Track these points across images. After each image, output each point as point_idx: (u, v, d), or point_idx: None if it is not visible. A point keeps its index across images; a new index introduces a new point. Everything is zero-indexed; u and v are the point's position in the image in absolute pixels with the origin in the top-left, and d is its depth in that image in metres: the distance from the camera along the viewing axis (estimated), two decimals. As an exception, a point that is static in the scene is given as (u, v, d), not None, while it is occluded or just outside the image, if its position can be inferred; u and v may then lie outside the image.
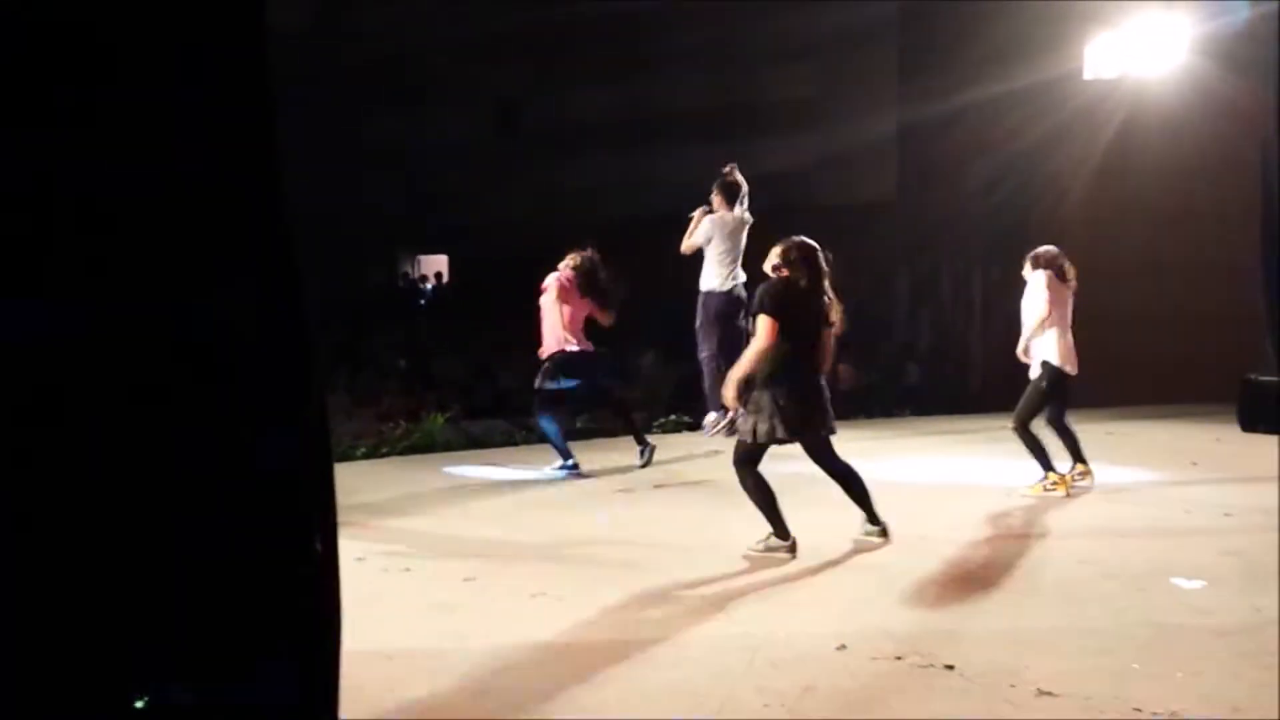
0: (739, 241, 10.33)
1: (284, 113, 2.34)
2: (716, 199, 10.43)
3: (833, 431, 6.78)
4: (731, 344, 10.34)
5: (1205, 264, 16.94)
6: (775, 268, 6.68)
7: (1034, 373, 8.54)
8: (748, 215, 10.41)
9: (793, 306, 6.56)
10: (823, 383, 6.74)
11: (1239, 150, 15.90)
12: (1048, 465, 8.44)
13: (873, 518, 6.84)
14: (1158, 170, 17.19)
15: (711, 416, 10.54)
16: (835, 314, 6.71)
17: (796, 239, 6.73)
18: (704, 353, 10.49)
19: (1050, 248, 8.72)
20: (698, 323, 10.48)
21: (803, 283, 6.59)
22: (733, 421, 10.49)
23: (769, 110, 21.55)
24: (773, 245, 6.79)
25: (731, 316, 10.28)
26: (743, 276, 10.24)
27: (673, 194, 11.00)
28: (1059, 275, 8.54)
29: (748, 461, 6.66)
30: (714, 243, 10.34)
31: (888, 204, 19.75)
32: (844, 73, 21.15)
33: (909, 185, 20.24)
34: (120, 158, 2.15)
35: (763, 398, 6.57)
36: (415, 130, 25.52)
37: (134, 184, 2.16)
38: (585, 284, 9.44)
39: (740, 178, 10.42)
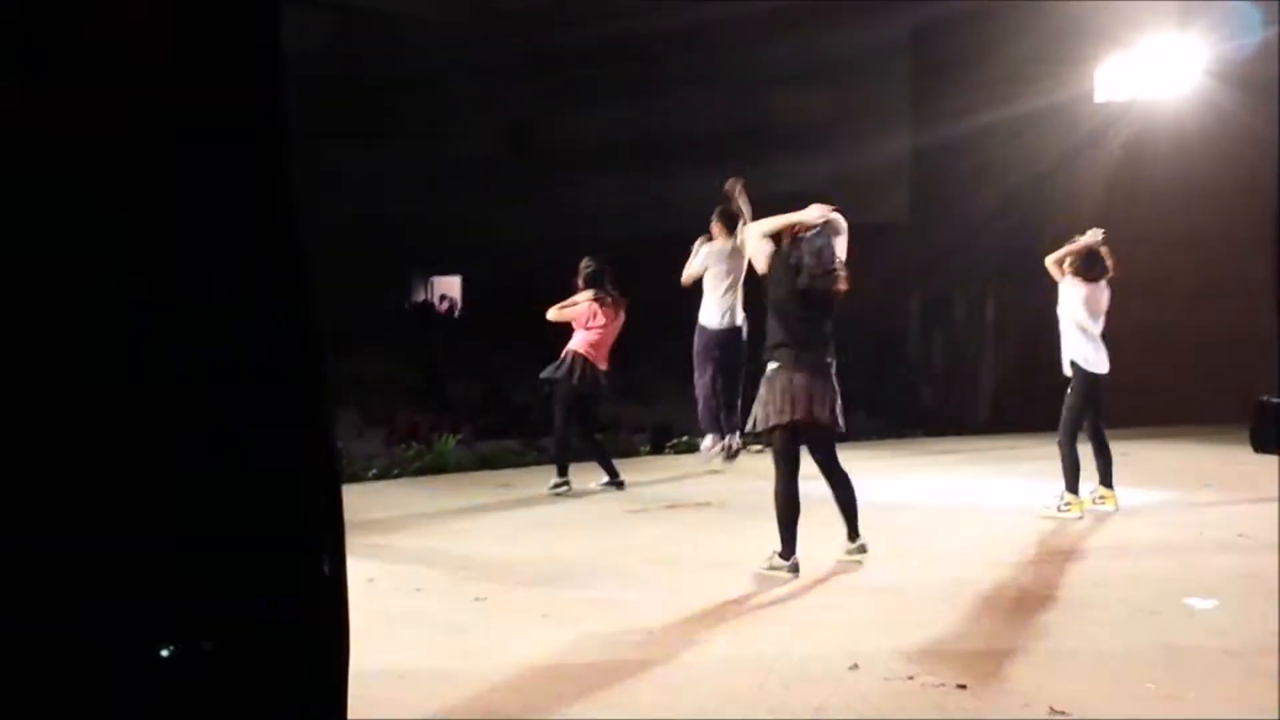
0: (737, 271, 10.25)
1: (299, 131, 2.35)
2: (716, 227, 10.36)
3: (839, 427, 6.70)
4: (728, 373, 10.34)
5: (1217, 286, 16.92)
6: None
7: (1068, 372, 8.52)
8: (744, 242, 10.31)
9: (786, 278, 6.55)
10: (831, 371, 6.64)
11: (1251, 173, 15.89)
12: (1073, 487, 8.40)
13: (854, 533, 6.80)
14: (1169, 193, 17.17)
15: (707, 440, 10.53)
16: (841, 284, 6.61)
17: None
18: (698, 380, 10.48)
19: (1081, 246, 8.50)
20: (694, 350, 10.47)
21: (800, 258, 6.55)
22: (729, 446, 10.52)
23: (782, 132, 21.55)
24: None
25: (728, 349, 10.25)
26: (739, 316, 10.21)
27: (686, 216, 10.99)
28: (1087, 277, 8.45)
29: (784, 459, 6.59)
30: (711, 273, 10.27)
31: (900, 225, 19.73)
32: (856, 95, 21.16)
33: (921, 207, 20.23)
34: (130, 171, 2.16)
35: (765, 383, 6.55)
36: (429, 151, 25.58)
37: (142, 196, 2.17)
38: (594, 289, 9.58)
39: (742, 204, 10.34)
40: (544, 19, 22.54)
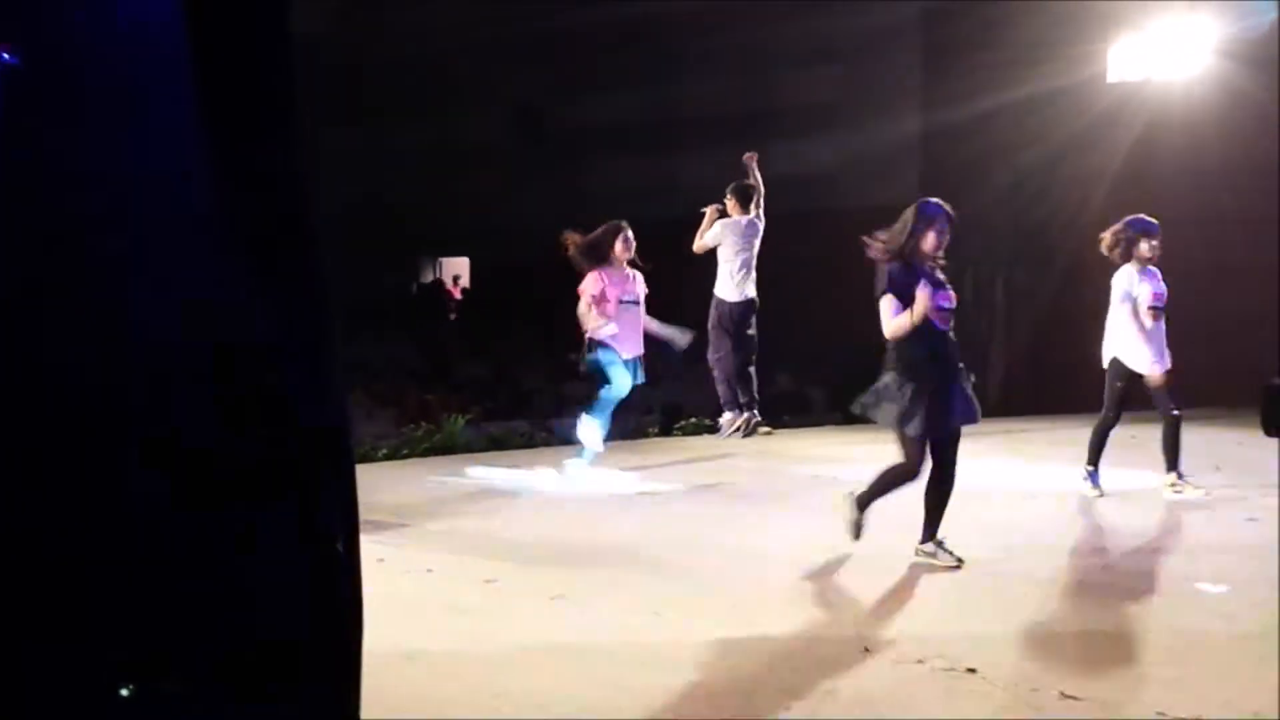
0: (752, 246, 10.31)
1: (307, 115, 2.35)
2: (730, 201, 10.45)
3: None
4: (743, 347, 10.40)
5: (1229, 267, 16.84)
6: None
7: (1158, 369, 8.41)
8: (760, 218, 10.39)
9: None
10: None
11: (1264, 153, 15.82)
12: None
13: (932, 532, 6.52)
14: (1182, 173, 17.09)
15: (727, 416, 10.56)
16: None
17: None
18: (714, 355, 10.53)
19: (1133, 231, 8.38)
20: (709, 325, 10.52)
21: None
22: (748, 421, 10.55)
23: (792, 113, 21.50)
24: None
25: (743, 323, 10.31)
26: (753, 290, 10.27)
27: (696, 197, 10.99)
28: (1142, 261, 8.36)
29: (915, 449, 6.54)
30: (726, 247, 10.34)
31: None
32: (867, 76, 21.10)
33: (932, 188, 20.07)
34: (145, 160, 2.16)
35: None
36: (438, 134, 25.55)
37: (158, 186, 2.17)
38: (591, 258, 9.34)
39: (758, 177, 10.42)
40: (552, 1, 22.51)
